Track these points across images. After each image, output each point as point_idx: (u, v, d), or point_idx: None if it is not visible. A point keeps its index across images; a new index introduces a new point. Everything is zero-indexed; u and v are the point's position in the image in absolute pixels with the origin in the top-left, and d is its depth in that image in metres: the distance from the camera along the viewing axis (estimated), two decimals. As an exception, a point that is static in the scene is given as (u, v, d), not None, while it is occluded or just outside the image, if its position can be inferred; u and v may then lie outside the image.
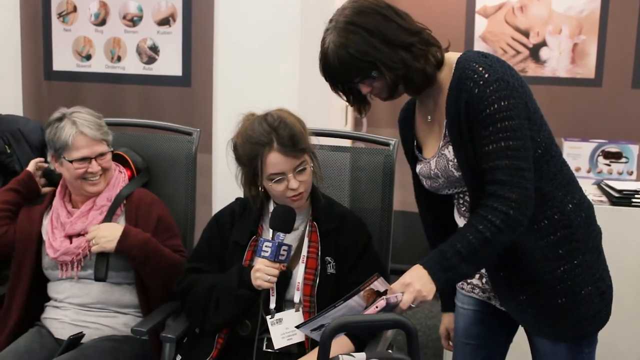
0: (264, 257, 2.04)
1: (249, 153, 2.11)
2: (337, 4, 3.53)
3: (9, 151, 2.87)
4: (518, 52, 3.87)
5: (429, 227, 2.11)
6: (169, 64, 3.63)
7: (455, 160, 1.77)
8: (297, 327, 1.80)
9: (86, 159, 2.35)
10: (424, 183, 1.93)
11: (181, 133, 2.70)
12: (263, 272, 2.04)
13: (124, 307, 2.40)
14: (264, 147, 2.08)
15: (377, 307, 1.63)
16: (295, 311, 2.11)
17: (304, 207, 2.22)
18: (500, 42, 3.89)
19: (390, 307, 1.64)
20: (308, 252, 2.16)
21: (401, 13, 1.76)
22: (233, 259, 2.20)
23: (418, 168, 1.93)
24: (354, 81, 1.78)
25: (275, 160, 2.08)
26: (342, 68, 1.75)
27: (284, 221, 2.07)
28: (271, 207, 2.23)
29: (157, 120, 2.91)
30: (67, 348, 2.27)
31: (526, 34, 3.86)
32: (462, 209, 1.89)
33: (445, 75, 1.79)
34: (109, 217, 2.39)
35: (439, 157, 1.83)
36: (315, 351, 1.99)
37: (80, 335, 2.31)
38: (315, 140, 2.20)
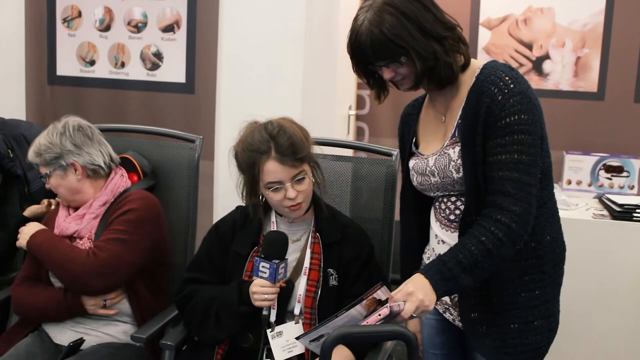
0: (262, 277, 2.03)
1: (248, 161, 2.10)
2: (343, 12, 3.55)
3: (11, 155, 2.87)
4: (521, 65, 3.87)
5: (407, 226, 2.08)
6: (173, 70, 3.65)
7: (459, 162, 1.77)
8: (297, 338, 1.79)
9: None
10: (414, 179, 1.93)
11: (184, 140, 2.70)
12: (261, 294, 2.03)
13: (123, 315, 2.40)
14: (262, 155, 2.07)
15: (379, 315, 1.62)
16: (295, 323, 2.11)
17: (306, 218, 2.22)
18: (503, 55, 3.90)
19: (392, 316, 1.64)
20: (310, 263, 2.15)
21: (438, 6, 1.77)
22: (233, 269, 2.19)
23: (412, 163, 1.93)
24: (380, 63, 1.77)
25: (272, 169, 2.07)
26: (372, 47, 1.72)
27: (276, 249, 2.05)
28: (272, 217, 2.22)
29: (160, 127, 2.91)
30: (67, 354, 2.27)
31: (529, 46, 3.87)
32: (441, 215, 1.89)
33: (467, 79, 1.80)
34: (103, 222, 2.38)
35: (440, 155, 1.82)
36: None
37: (80, 342, 2.31)
38: (317, 150, 2.20)
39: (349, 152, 3.34)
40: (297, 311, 2.12)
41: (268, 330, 2.09)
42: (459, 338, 2.02)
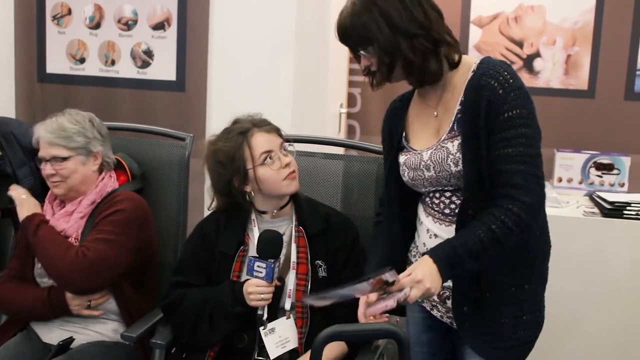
0: (257, 277, 2.03)
1: (233, 146, 2.13)
2: (334, 10, 3.55)
3: (0, 153, 2.85)
4: (512, 63, 3.86)
5: (392, 222, 2.04)
6: (163, 68, 3.63)
7: (458, 155, 1.78)
8: (303, 298, 1.89)
9: (42, 160, 2.39)
10: (406, 175, 1.93)
11: (174, 138, 2.69)
12: (257, 294, 2.04)
13: (113, 314, 2.39)
14: (246, 133, 2.14)
15: (386, 306, 1.66)
16: (287, 319, 2.11)
17: (287, 213, 2.21)
18: (494, 53, 3.90)
19: (398, 303, 1.68)
20: (297, 257, 2.15)
21: (425, 4, 1.79)
22: (220, 269, 2.18)
23: (403, 158, 1.94)
24: (358, 50, 1.83)
25: (261, 139, 2.14)
26: (344, 33, 1.82)
27: (271, 248, 2.06)
28: (252, 216, 2.21)
29: (150, 125, 2.90)
30: (57, 353, 2.26)
31: (520, 44, 3.87)
32: (434, 210, 1.89)
33: (461, 76, 1.82)
34: (90, 222, 2.37)
35: (437, 149, 1.83)
36: (307, 355, 2.00)
37: (69, 340, 2.30)
38: (308, 148, 2.20)
39: (340, 150, 3.33)
40: (288, 306, 2.12)
41: (260, 328, 2.09)
42: (446, 335, 2.03)
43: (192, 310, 2.14)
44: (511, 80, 1.73)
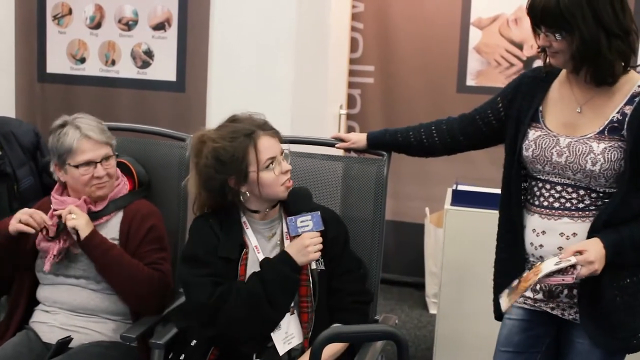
0: (306, 231, 2.06)
1: (239, 147, 2.08)
2: (333, 13, 3.56)
3: (0, 153, 2.86)
4: (512, 65, 3.89)
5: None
6: (163, 69, 3.64)
7: (600, 157, 1.85)
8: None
9: (91, 163, 2.33)
10: (529, 150, 1.97)
11: (174, 139, 2.70)
12: (314, 245, 2.06)
13: (114, 314, 2.39)
14: (253, 135, 2.10)
15: (563, 280, 1.81)
16: (291, 314, 2.11)
17: (275, 212, 2.21)
18: (494, 54, 3.91)
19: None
20: None
21: (626, 8, 1.84)
22: (226, 276, 2.11)
23: (535, 134, 1.97)
24: (542, 28, 1.86)
25: (267, 144, 2.11)
26: (543, 10, 1.83)
27: (306, 201, 2.13)
28: (243, 219, 2.18)
29: (150, 125, 2.90)
30: (56, 352, 2.26)
31: (520, 46, 3.88)
32: (540, 205, 1.96)
33: (622, 86, 1.88)
34: (91, 218, 2.36)
35: (579, 142, 1.89)
36: (306, 355, 2.04)
37: (68, 340, 2.30)
38: (307, 149, 2.19)
39: (339, 152, 3.34)
40: (292, 302, 2.11)
41: None
42: (541, 337, 2.08)
43: (243, 297, 2.05)
44: None
